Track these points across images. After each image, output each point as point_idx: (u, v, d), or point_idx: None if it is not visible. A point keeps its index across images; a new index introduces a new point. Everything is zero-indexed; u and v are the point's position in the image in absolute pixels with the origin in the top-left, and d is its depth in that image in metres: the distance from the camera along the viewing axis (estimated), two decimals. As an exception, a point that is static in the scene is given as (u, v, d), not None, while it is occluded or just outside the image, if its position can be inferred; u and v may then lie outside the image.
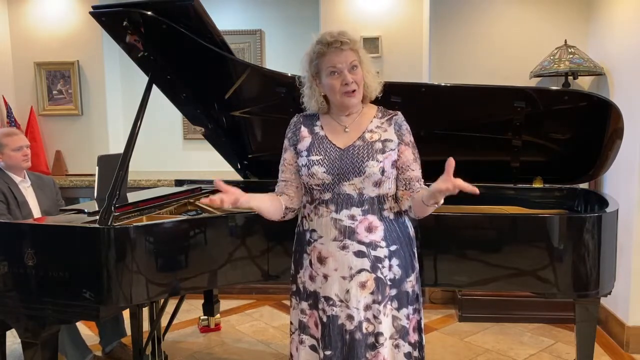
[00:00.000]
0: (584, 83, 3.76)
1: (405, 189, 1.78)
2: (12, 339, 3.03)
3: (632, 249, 3.09)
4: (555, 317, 3.52)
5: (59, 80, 4.49)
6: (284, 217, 1.88)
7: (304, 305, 1.84)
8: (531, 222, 2.21)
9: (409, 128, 1.83)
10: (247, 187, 2.99)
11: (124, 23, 2.17)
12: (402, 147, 1.79)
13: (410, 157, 1.79)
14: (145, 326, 2.59)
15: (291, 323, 1.91)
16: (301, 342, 1.85)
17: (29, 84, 4.53)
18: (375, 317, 1.74)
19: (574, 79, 3.56)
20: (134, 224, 2.07)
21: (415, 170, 1.79)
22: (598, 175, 2.58)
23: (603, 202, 2.36)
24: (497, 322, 3.57)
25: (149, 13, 2.14)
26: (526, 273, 2.17)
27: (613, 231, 2.22)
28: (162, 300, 2.68)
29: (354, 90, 1.73)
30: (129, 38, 2.24)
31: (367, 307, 1.75)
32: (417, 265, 1.85)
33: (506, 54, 3.84)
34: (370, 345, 1.74)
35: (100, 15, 2.22)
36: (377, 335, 1.74)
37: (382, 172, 1.73)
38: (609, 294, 2.26)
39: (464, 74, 3.83)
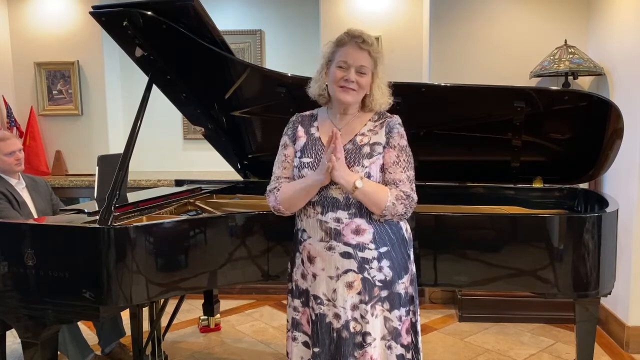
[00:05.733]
0: (584, 83, 3.76)
1: None
2: (12, 339, 3.03)
3: (632, 248, 3.09)
4: (555, 317, 3.52)
5: (59, 80, 4.50)
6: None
7: (297, 302, 1.87)
8: (531, 222, 2.21)
9: (401, 132, 1.80)
10: (247, 187, 3.05)
11: (124, 23, 2.17)
12: (386, 149, 1.77)
13: (391, 159, 1.76)
14: (145, 326, 2.59)
15: (287, 321, 1.93)
16: (294, 338, 1.88)
17: (29, 84, 4.54)
18: (362, 316, 1.75)
19: (574, 79, 3.56)
20: (134, 224, 2.07)
21: (393, 173, 1.75)
22: (598, 175, 2.58)
23: (603, 202, 2.36)
24: (497, 322, 3.57)
25: (149, 13, 2.15)
26: (526, 273, 2.17)
27: (613, 231, 2.22)
28: (162, 300, 2.68)
29: (352, 88, 1.73)
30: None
31: (354, 307, 1.76)
32: (412, 267, 1.85)
33: (506, 54, 3.83)
34: (358, 345, 1.76)
35: (100, 15, 2.22)
36: (365, 334, 1.75)
37: (368, 177, 1.72)
38: (609, 294, 2.26)
39: (464, 73, 3.83)
